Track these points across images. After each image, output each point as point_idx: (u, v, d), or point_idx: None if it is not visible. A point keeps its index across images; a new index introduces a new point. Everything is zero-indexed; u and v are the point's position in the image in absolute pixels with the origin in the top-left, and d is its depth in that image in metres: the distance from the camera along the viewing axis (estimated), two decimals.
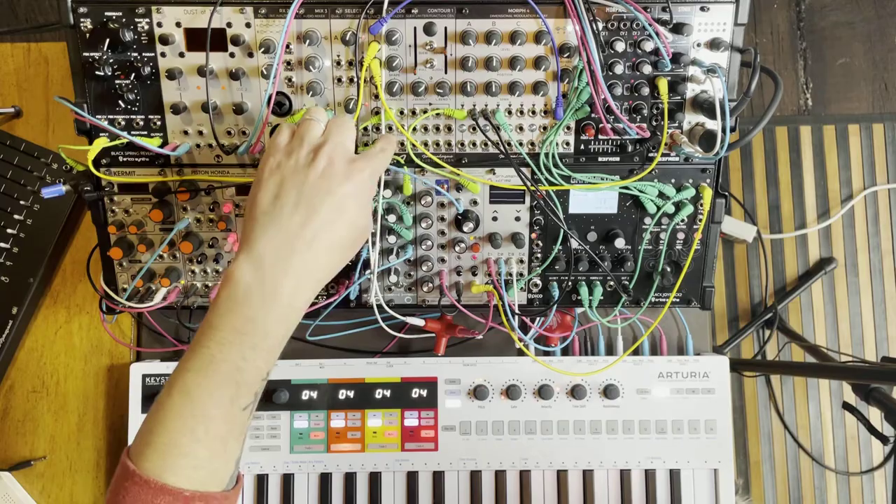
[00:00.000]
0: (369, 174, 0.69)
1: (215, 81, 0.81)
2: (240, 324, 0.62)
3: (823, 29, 2.09)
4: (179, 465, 0.59)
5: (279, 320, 0.63)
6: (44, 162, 0.98)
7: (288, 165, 0.67)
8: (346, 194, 0.66)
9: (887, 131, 2.06)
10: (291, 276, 0.63)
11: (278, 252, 0.63)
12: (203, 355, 0.61)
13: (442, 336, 0.93)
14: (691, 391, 0.94)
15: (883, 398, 1.19)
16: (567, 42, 0.80)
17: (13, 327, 0.96)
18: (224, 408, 0.61)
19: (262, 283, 0.62)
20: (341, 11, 0.78)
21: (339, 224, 0.66)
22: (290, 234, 0.64)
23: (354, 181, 0.67)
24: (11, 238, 0.97)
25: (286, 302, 0.63)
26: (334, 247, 0.67)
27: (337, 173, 0.66)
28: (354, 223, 0.68)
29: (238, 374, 0.61)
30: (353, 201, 0.67)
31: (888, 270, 2.05)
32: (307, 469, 0.93)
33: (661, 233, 0.88)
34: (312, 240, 0.64)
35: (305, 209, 0.65)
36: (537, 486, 0.94)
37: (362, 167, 0.68)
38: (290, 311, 0.64)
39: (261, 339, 0.62)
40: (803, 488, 2.01)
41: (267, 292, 0.62)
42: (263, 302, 0.62)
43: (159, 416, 0.61)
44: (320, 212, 0.65)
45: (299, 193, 0.65)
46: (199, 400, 0.60)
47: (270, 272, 0.63)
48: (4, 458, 0.99)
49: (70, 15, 0.77)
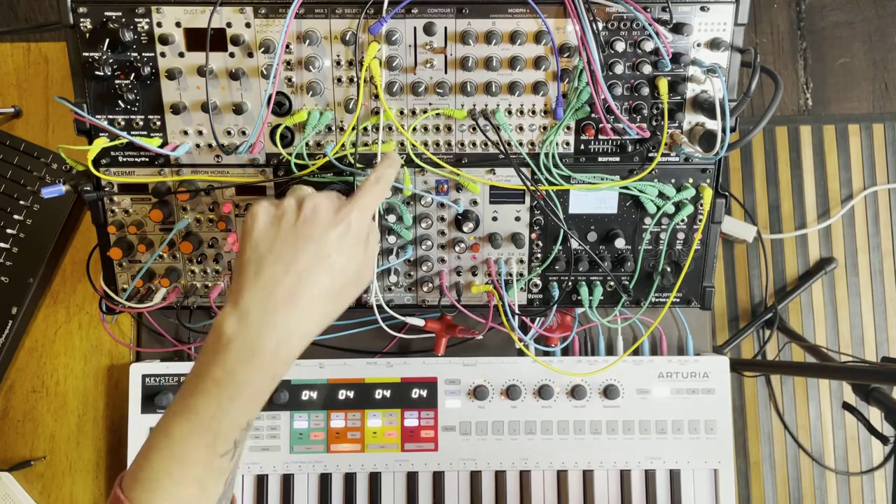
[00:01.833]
0: (357, 215, 0.66)
1: (215, 81, 0.81)
2: (219, 375, 0.61)
3: (823, 29, 2.09)
4: (160, 501, 0.61)
5: (260, 375, 0.62)
6: (44, 162, 0.98)
7: (274, 215, 0.66)
8: (331, 241, 0.65)
9: (887, 131, 2.06)
10: (275, 332, 0.62)
11: (263, 306, 0.62)
12: (185, 401, 0.62)
13: (442, 336, 0.93)
14: (691, 391, 0.94)
15: (883, 398, 1.19)
16: (567, 42, 0.80)
17: (13, 327, 0.96)
18: (201, 453, 0.61)
19: (244, 338, 0.61)
20: (341, 11, 0.78)
21: (324, 274, 0.64)
22: (273, 287, 0.63)
23: (341, 226, 0.65)
24: (11, 238, 0.97)
25: (268, 357, 0.62)
26: (322, 297, 0.65)
27: (320, 220, 0.65)
28: (343, 270, 0.66)
29: (215, 423, 0.61)
30: (338, 248, 0.65)
31: (888, 270, 2.05)
32: (307, 469, 0.93)
33: (661, 233, 0.88)
34: (295, 293, 0.63)
35: (287, 259, 0.63)
36: (537, 487, 0.94)
37: (348, 210, 0.66)
38: (273, 366, 0.63)
39: (239, 392, 0.61)
40: (803, 488, 2.01)
41: (249, 347, 0.61)
42: (245, 356, 0.61)
43: (147, 453, 0.62)
44: (300, 262, 0.63)
45: (282, 242, 0.64)
46: (178, 444, 0.61)
47: (254, 327, 0.62)
48: (4, 458, 0.99)
49: (70, 15, 0.77)
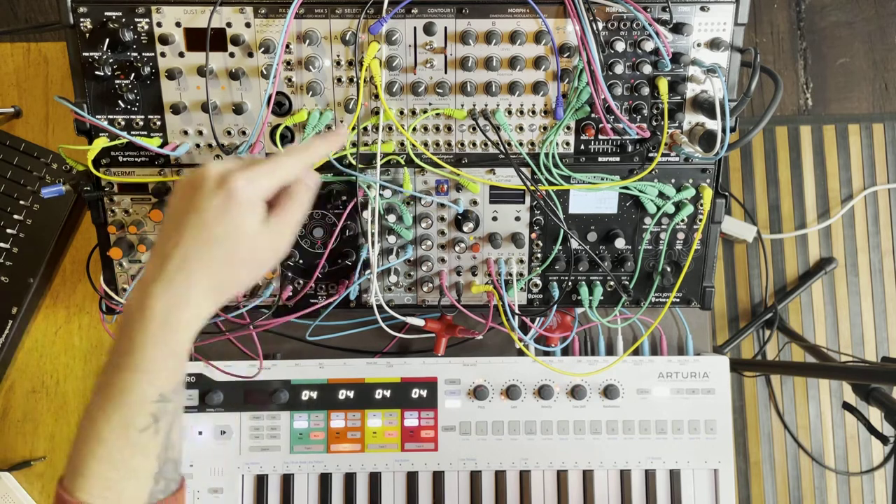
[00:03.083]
0: (242, 184, 0.62)
1: (215, 81, 0.81)
2: (122, 347, 0.62)
3: (823, 29, 2.09)
4: (92, 486, 0.61)
5: (153, 342, 0.61)
6: (44, 162, 0.98)
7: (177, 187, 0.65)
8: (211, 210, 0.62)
9: (887, 131, 2.06)
10: (163, 299, 0.61)
11: (154, 274, 0.62)
12: (99, 379, 0.62)
13: (442, 336, 0.93)
14: (691, 391, 0.94)
15: (883, 398, 1.19)
16: (567, 42, 0.80)
17: (13, 327, 0.96)
18: (118, 431, 0.61)
19: (138, 306, 0.62)
20: (341, 11, 0.78)
21: (209, 244, 0.63)
22: (163, 257, 0.63)
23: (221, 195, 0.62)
24: (11, 238, 0.97)
25: (158, 324, 0.61)
26: (210, 269, 0.63)
27: (207, 188, 0.63)
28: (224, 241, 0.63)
29: (123, 396, 0.61)
30: (220, 217, 0.62)
31: (888, 270, 2.05)
32: (307, 469, 0.93)
33: (661, 233, 0.88)
34: (183, 262, 0.62)
35: (177, 230, 0.63)
36: (537, 487, 0.94)
37: (233, 178, 0.63)
38: (165, 333, 0.62)
39: (139, 361, 0.61)
40: (803, 488, 2.01)
41: (141, 315, 0.61)
42: (137, 323, 0.61)
43: (75, 440, 0.62)
44: (187, 231, 0.62)
45: (177, 214, 0.64)
46: (97, 423, 0.61)
47: (145, 294, 0.62)
48: (4, 458, 0.99)
49: (70, 15, 0.77)
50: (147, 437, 0.63)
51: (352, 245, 0.88)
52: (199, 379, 0.91)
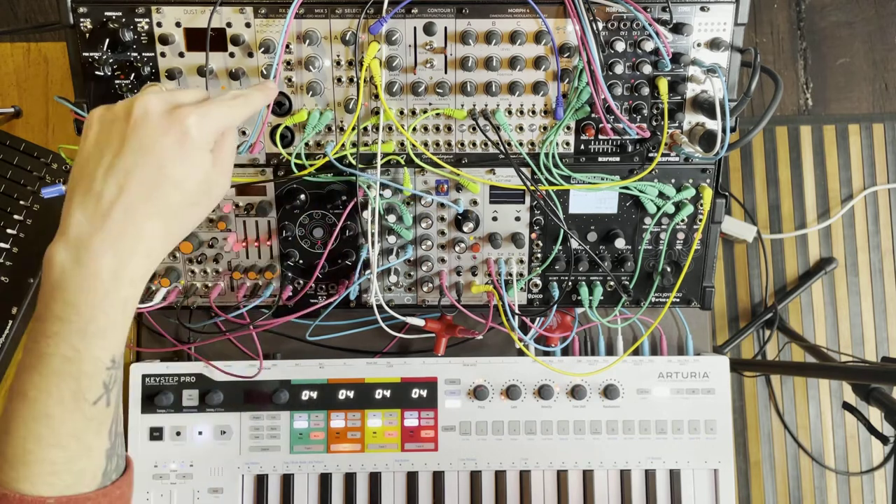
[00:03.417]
0: (196, 121, 0.58)
1: (215, 81, 0.81)
2: (61, 311, 0.55)
3: (823, 29, 2.09)
4: (35, 473, 0.54)
5: (104, 301, 0.55)
6: (44, 162, 0.98)
7: (104, 120, 0.59)
8: (165, 147, 0.57)
9: (887, 131, 2.06)
10: (109, 251, 0.56)
11: (92, 225, 0.56)
12: (33, 351, 0.55)
13: (442, 336, 0.93)
14: (691, 391, 0.94)
15: (883, 398, 1.19)
16: (567, 42, 0.80)
17: (13, 327, 0.96)
18: (67, 405, 0.55)
19: (78, 264, 0.55)
20: (341, 11, 0.78)
21: (164, 185, 0.57)
22: (102, 204, 0.56)
23: (174, 130, 0.57)
24: (11, 238, 0.97)
25: (109, 280, 0.55)
26: (161, 213, 0.58)
27: (153, 124, 0.57)
28: (182, 182, 0.58)
29: (71, 365, 0.55)
30: (176, 155, 0.58)
31: (888, 270, 2.05)
32: (307, 469, 0.93)
33: (661, 233, 0.88)
34: (130, 206, 0.56)
35: (118, 172, 0.56)
36: (537, 487, 0.94)
37: (186, 112, 0.58)
38: (116, 290, 0.56)
39: (88, 325, 0.55)
40: (803, 488, 2.01)
41: (85, 273, 0.55)
42: (83, 284, 0.55)
43: (4, 425, 0.55)
44: (137, 172, 0.56)
45: (113, 152, 0.57)
46: (37, 401, 0.54)
47: (85, 250, 0.55)
48: None
49: (70, 15, 0.77)
50: (100, 410, 0.57)
51: (352, 245, 0.88)
52: (198, 379, 0.91)
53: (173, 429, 0.91)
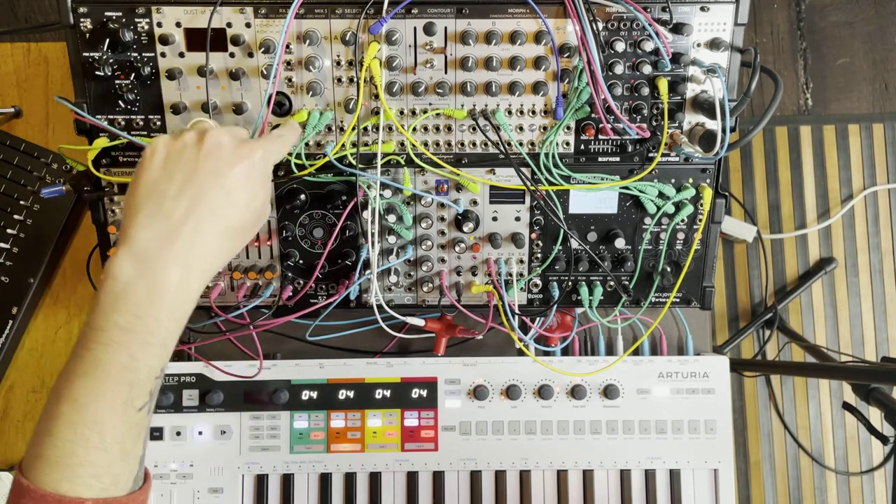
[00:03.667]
0: (261, 155, 0.66)
1: (215, 81, 0.81)
2: (124, 321, 0.58)
3: (823, 29, 2.09)
4: (78, 475, 0.56)
5: (168, 314, 0.59)
6: (44, 162, 0.98)
7: (174, 148, 0.64)
8: (236, 176, 0.64)
9: (887, 131, 2.06)
10: (177, 266, 0.60)
11: (161, 241, 0.60)
12: (88, 359, 0.58)
13: (442, 336, 0.93)
14: (691, 391, 0.94)
15: (883, 398, 1.19)
16: (567, 42, 0.80)
17: (13, 327, 0.96)
18: (117, 411, 0.58)
19: (144, 277, 0.58)
20: (341, 11, 0.78)
21: (230, 208, 0.64)
22: (173, 221, 0.61)
23: (245, 163, 0.65)
24: (11, 238, 0.97)
25: (173, 293, 0.59)
26: (226, 232, 0.64)
27: (225, 155, 0.64)
28: (248, 206, 0.65)
29: (128, 374, 0.58)
30: (244, 184, 0.64)
31: (888, 270, 2.05)
32: (307, 469, 0.93)
33: (661, 233, 0.88)
34: (199, 225, 0.61)
35: (191, 193, 0.62)
36: (537, 487, 0.94)
37: (253, 147, 0.66)
38: (180, 303, 0.60)
39: (150, 335, 0.59)
40: (803, 488, 2.01)
41: (151, 286, 0.58)
42: (149, 296, 0.58)
43: (49, 427, 0.57)
44: (208, 195, 0.62)
45: (184, 176, 0.62)
46: (89, 406, 0.57)
47: (153, 264, 0.59)
48: (4, 458, 0.99)
49: (70, 15, 0.77)
50: (142, 416, 0.60)
51: (352, 245, 0.88)
52: (199, 379, 0.91)
53: (173, 429, 0.91)
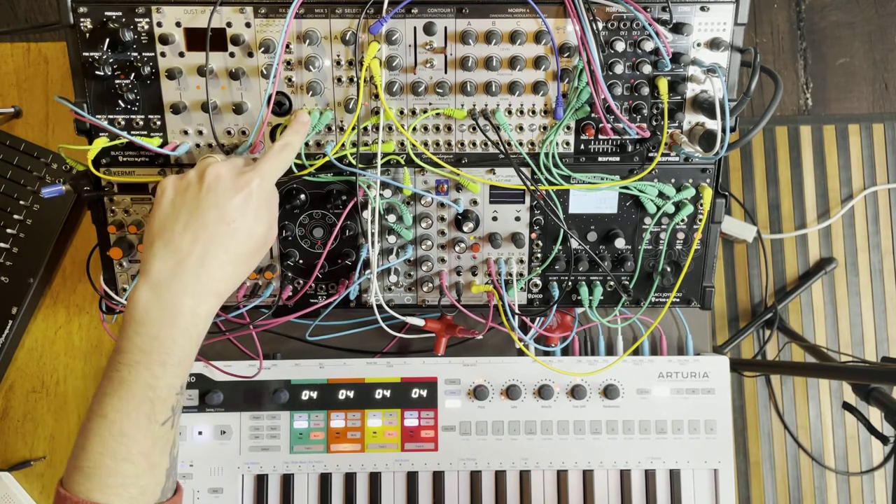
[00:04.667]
0: (258, 183, 0.70)
1: (215, 81, 0.81)
2: (144, 343, 0.65)
3: (823, 29, 2.09)
4: (108, 485, 0.63)
5: (183, 335, 0.66)
6: (44, 162, 0.98)
7: (180, 187, 0.70)
8: (235, 206, 0.68)
9: (887, 131, 2.06)
10: (189, 294, 0.66)
11: (171, 271, 0.67)
12: (115, 379, 0.65)
13: (442, 336, 0.93)
14: (691, 391, 0.94)
15: (883, 398, 1.19)
16: (567, 42, 0.80)
17: (13, 327, 0.96)
18: (141, 426, 0.64)
19: (159, 302, 0.66)
20: (341, 11, 0.78)
21: (232, 237, 0.69)
22: (181, 254, 0.67)
23: (243, 192, 0.69)
24: (11, 238, 0.97)
25: (188, 317, 0.66)
26: (232, 259, 0.69)
27: (224, 187, 0.69)
28: (251, 233, 0.70)
29: (150, 391, 0.65)
30: (244, 212, 0.69)
31: (888, 270, 2.05)
32: (307, 469, 0.93)
33: (661, 233, 0.88)
34: (204, 256, 0.67)
35: (195, 227, 0.68)
36: (537, 487, 0.94)
37: (250, 177, 0.70)
38: (193, 325, 0.67)
39: (167, 355, 0.65)
40: (803, 488, 2.01)
41: (165, 310, 0.66)
42: (163, 319, 0.65)
43: (83, 442, 0.64)
44: (211, 228, 0.68)
45: (189, 212, 0.68)
46: (116, 422, 0.64)
47: (166, 291, 0.66)
48: (4, 458, 0.99)
49: (70, 15, 0.77)
50: (165, 431, 0.66)
51: (352, 245, 0.88)
52: (199, 379, 0.91)
53: None
